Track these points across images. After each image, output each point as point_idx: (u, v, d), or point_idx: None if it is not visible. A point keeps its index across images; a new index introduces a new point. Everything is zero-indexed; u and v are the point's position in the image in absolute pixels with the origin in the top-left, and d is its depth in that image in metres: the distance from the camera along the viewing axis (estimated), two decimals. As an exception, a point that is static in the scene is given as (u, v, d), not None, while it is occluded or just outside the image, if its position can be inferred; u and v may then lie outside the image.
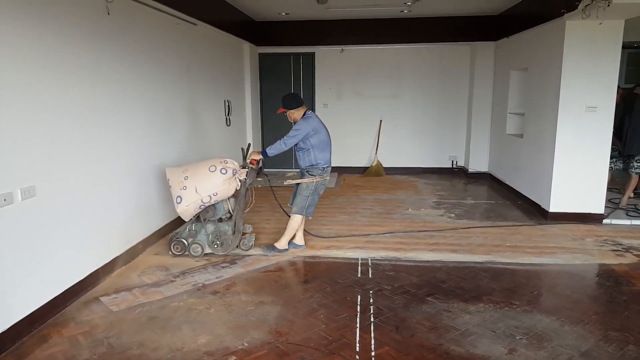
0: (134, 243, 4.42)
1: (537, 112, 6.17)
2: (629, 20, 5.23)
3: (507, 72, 7.47)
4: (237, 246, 4.53)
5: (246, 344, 2.96)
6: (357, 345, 2.95)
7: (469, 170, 8.60)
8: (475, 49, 8.33)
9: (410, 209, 6.30)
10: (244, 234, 4.61)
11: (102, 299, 3.59)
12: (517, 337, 3.04)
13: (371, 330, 3.13)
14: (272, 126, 9.14)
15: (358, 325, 3.20)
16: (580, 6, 4.69)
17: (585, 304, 3.56)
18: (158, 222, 4.94)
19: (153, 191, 4.80)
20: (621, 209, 5.92)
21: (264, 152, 4.46)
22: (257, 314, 3.35)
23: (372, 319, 3.28)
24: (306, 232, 4.93)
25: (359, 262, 4.38)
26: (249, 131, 8.32)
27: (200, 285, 3.84)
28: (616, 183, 6.74)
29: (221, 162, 4.30)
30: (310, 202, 4.49)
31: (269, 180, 5.02)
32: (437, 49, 8.65)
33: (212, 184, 4.22)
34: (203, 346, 2.94)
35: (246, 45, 7.96)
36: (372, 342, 2.99)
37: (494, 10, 7.50)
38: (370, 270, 4.18)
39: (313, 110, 9.06)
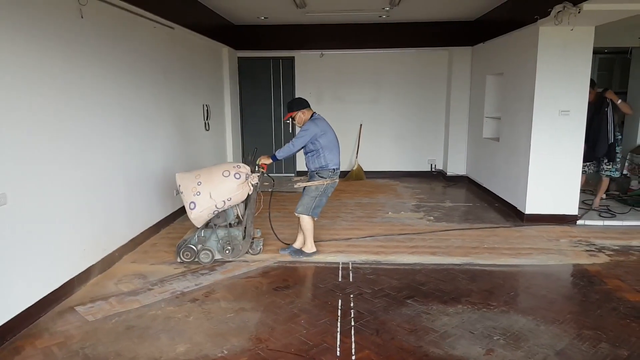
0: (110, 251, 4.35)
1: (513, 116, 6.29)
2: (599, 27, 5.37)
3: (483, 77, 7.60)
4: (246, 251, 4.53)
5: (226, 352, 2.93)
6: (338, 349, 2.96)
7: (448, 173, 8.71)
8: (452, 54, 8.45)
9: (390, 213, 6.35)
10: (253, 238, 4.59)
11: (77, 308, 3.51)
12: (495, 338, 3.08)
13: (352, 334, 3.14)
14: (252, 130, 9.12)
15: (339, 329, 3.21)
16: (553, 13, 4.80)
17: (560, 304, 3.63)
18: (135, 229, 4.86)
19: (130, 198, 4.73)
20: (594, 210, 6.07)
21: (273, 156, 4.46)
22: (237, 321, 3.32)
23: (352, 323, 3.29)
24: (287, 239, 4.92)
25: (340, 266, 4.39)
26: (229, 136, 8.27)
27: (179, 292, 3.79)
28: (589, 185, 6.90)
29: (234, 167, 4.29)
30: (318, 203, 4.48)
31: (274, 184, 5.00)
32: (415, 54, 8.75)
33: (226, 189, 4.20)
34: (182, 355, 2.90)
35: (225, 49, 7.92)
36: (353, 346, 3.00)
37: (470, 16, 7.62)
38: (351, 274, 4.19)
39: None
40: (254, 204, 4.48)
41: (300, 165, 9.06)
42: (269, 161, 4.48)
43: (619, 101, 5.75)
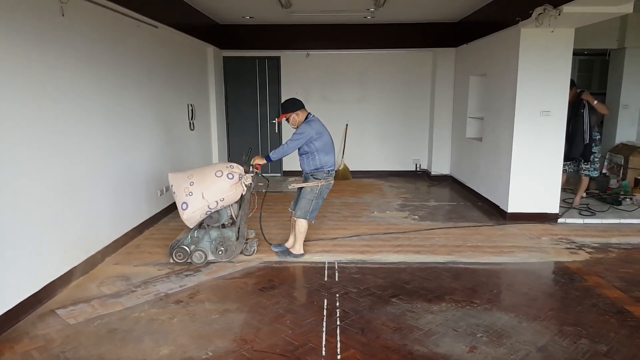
0: (93, 252, 4.29)
1: (495, 116, 6.37)
2: (579, 29, 5.48)
3: (466, 78, 7.68)
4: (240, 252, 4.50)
5: (210, 354, 2.92)
6: (323, 349, 2.96)
7: (432, 173, 8.78)
8: (436, 54, 8.52)
9: (376, 212, 6.38)
10: (246, 239, 4.57)
11: (58, 311, 3.46)
12: (478, 335, 3.12)
13: (337, 333, 3.15)
14: (238, 130, 9.08)
15: (324, 329, 3.21)
16: (534, 15, 4.88)
17: (541, 301, 3.69)
18: (119, 230, 4.81)
19: (113, 199, 4.68)
20: (574, 208, 6.17)
21: (267, 157, 4.42)
22: (222, 322, 3.31)
23: (338, 323, 3.30)
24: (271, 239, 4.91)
25: (326, 265, 4.40)
26: (214, 135, 8.23)
27: (163, 294, 3.76)
28: (570, 184, 7.02)
29: (227, 167, 4.26)
30: (315, 206, 4.47)
31: (268, 184, 4.98)
32: (400, 55, 8.80)
33: (219, 189, 4.16)
34: (165, 357, 2.88)
35: (210, 49, 7.88)
36: (338, 345, 3.01)
37: (454, 17, 7.70)
38: (336, 274, 4.20)
39: (279, 115, 9.10)
40: (248, 205, 4.46)
41: (288, 166, 9.04)
42: (263, 161, 4.45)
43: (595, 102, 5.84)
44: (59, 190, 3.80)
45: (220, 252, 4.38)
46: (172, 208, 6.28)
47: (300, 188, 4.53)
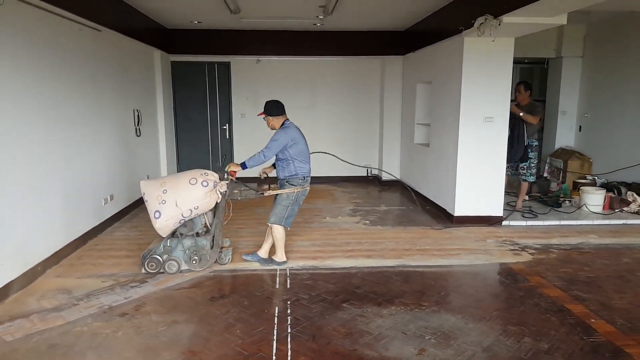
0: (32, 265, 4.07)
1: (441, 122, 6.57)
2: (519, 39, 5.74)
3: (413, 85, 7.87)
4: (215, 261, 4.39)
5: (157, 366, 2.83)
6: (274, 357, 2.94)
7: (383, 178, 8.93)
8: (385, 62, 8.69)
9: (328, 217, 6.41)
10: (221, 248, 4.45)
11: (-8, 329, 3.26)
12: (427, 337, 3.19)
13: (288, 341, 3.13)
14: (187, 136, 8.91)
15: (275, 337, 3.19)
16: (476, 24, 5.08)
17: (487, 302, 3.82)
18: (60, 241, 4.58)
19: (53, 209, 4.46)
20: (518, 211, 6.44)
21: (243, 164, 4.32)
22: (169, 334, 3.21)
23: (289, 330, 3.28)
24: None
25: (278, 272, 4.37)
26: (162, 141, 8.02)
27: (107, 307, 3.61)
28: (514, 187, 7.31)
29: (202, 175, 4.16)
30: (290, 212, 4.42)
31: (245, 190, 4.85)
32: (350, 62, 8.92)
33: (193, 197, 4.05)
34: (109, 372, 2.77)
35: (157, 53, 7.68)
36: (289, 353, 2.99)
37: (401, 26, 7.89)
38: (288, 281, 4.18)
39: (229, 121, 9.01)
40: (222, 213, 4.37)
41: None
42: (238, 169, 4.37)
43: (521, 114, 6.05)
44: (-9, 201, 3.58)
45: (194, 262, 4.27)
46: (118, 217, 6.06)
47: (276, 195, 4.49)
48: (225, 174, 4.40)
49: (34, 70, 4.14)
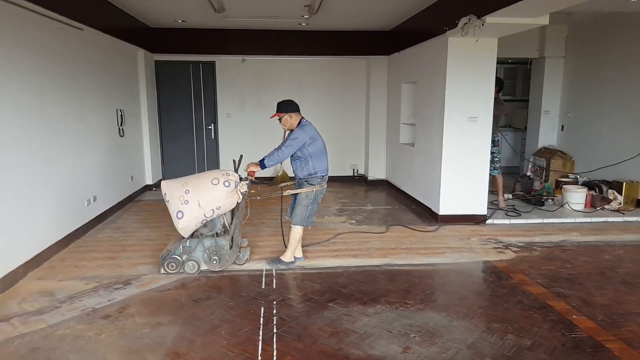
0: (13, 268, 4.00)
1: (426, 122, 6.61)
2: (502, 39, 5.79)
3: (399, 85, 7.91)
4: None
5: (141, 369, 2.80)
6: (260, 358, 2.93)
7: (369, 177, 8.96)
8: (370, 62, 8.72)
9: (314, 217, 6.39)
10: (240, 248, 4.44)
11: (-28, 333, 3.20)
12: (411, 335, 3.20)
13: (274, 341, 3.13)
14: (171, 135, 8.84)
15: (260, 337, 3.18)
16: (460, 24, 5.12)
17: (471, 299, 3.85)
18: (41, 243, 4.51)
19: (34, 210, 4.39)
20: (501, 209, 6.51)
21: (262, 164, 4.29)
22: (154, 336, 3.19)
23: (275, 330, 3.27)
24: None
25: (264, 273, 4.36)
26: (146, 141, 7.95)
27: (90, 309, 3.56)
28: (491, 185, 7.38)
29: (223, 175, 4.15)
30: (310, 211, 4.42)
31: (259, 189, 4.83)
32: (336, 62, 8.93)
33: (215, 197, 4.05)
34: (92, 375, 2.73)
35: (141, 52, 7.61)
36: (275, 353, 2.98)
37: (386, 26, 7.92)
38: (274, 281, 4.17)
39: (215, 121, 8.95)
40: (242, 213, 4.35)
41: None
42: (257, 168, 4.34)
43: None
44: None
45: (214, 262, 4.27)
46: (102, 219, 5.99)
47: (295, 195, 4.46)
48: (245, 174, 4.39)
49: (13, 69, 4.07)
